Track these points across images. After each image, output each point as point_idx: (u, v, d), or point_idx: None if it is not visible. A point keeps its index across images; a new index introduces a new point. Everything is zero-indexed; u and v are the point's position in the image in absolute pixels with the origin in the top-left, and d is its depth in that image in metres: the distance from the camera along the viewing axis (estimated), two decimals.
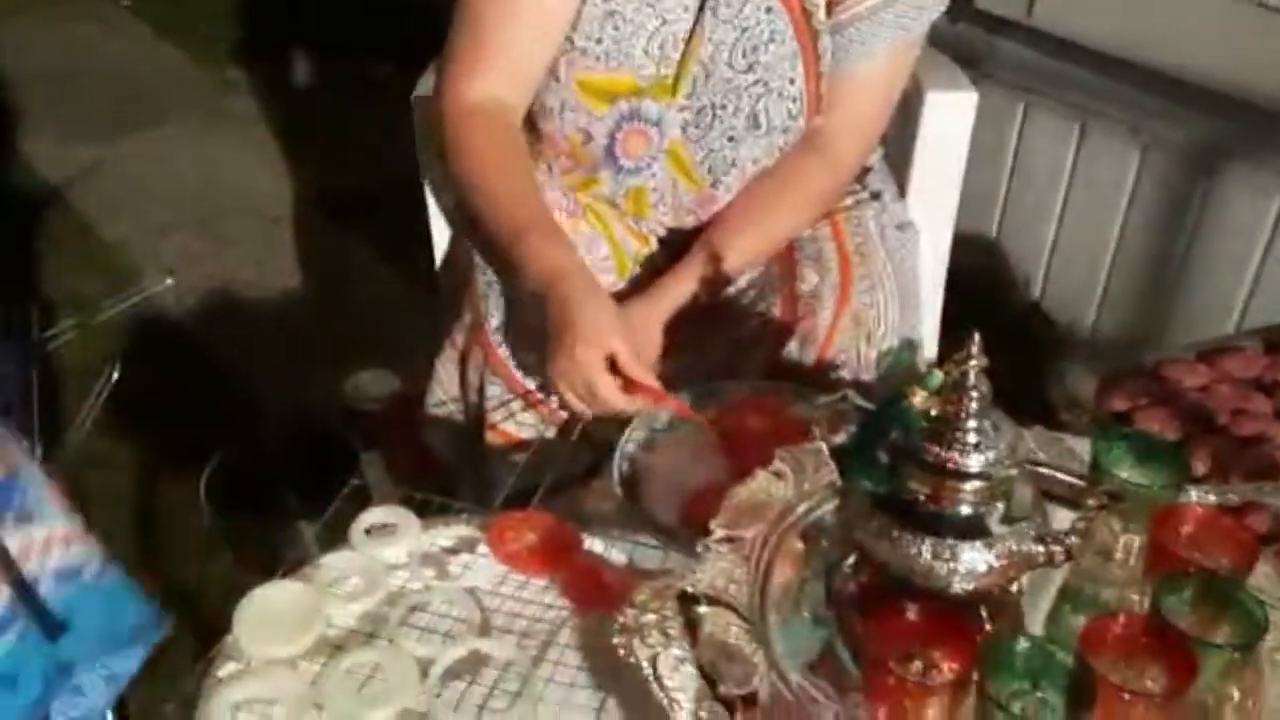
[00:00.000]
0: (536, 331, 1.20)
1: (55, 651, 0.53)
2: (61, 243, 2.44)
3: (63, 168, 2.68)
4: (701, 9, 1.26)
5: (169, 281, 1.40)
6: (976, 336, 0.80)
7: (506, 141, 1.28)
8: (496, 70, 1.27)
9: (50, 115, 2.83)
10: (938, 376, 0.84)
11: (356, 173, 2.52)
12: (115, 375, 1.43)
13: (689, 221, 1.40)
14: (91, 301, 1.89)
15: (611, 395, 1.13)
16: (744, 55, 1.27)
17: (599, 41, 1.26)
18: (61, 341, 1.58)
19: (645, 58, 1.27)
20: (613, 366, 1.14)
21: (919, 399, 0.85)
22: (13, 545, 0.55)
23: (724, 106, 1.29)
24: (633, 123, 1.31)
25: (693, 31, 1.27)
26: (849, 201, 1.42)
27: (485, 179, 1.26)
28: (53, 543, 0.55)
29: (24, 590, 0.52)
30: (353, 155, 2.58)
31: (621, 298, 1.34)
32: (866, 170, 1.46)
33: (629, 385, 1.14)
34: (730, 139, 1.32)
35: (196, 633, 1.12)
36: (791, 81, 1.29)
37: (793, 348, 1.32)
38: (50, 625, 0.54)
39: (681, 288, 1.32)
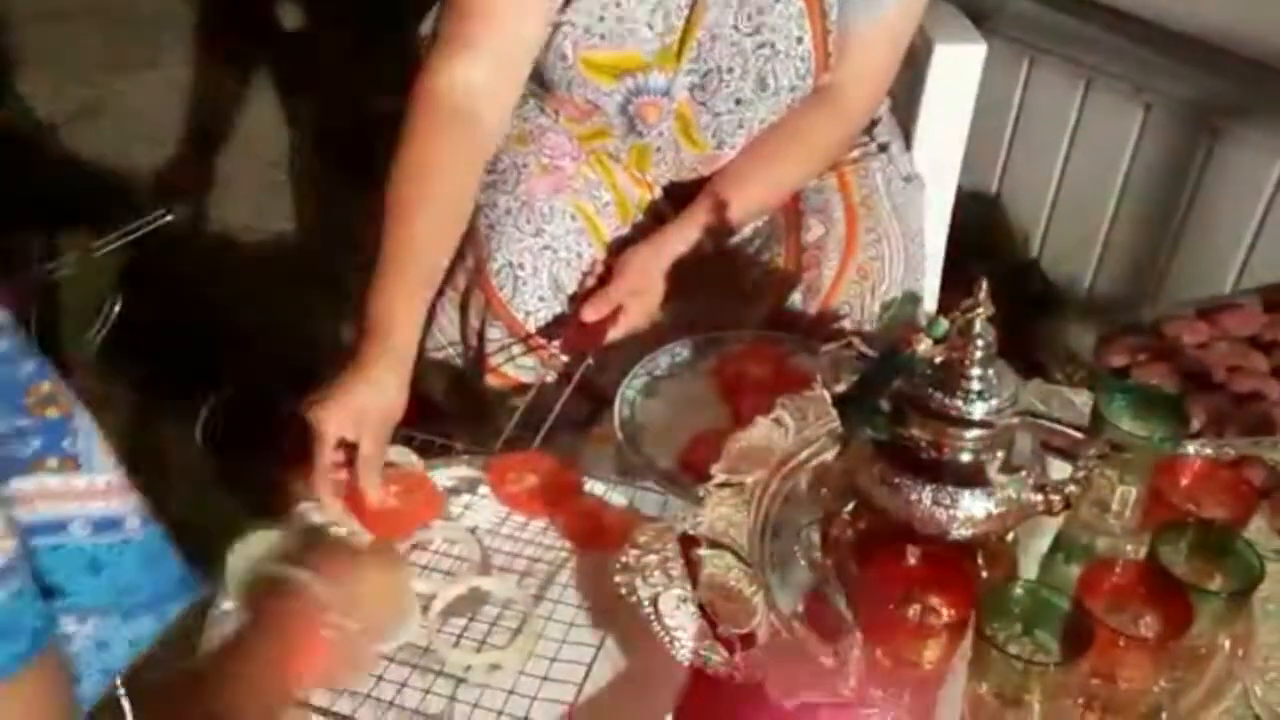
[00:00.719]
0: None
1: (48, 609, 0.53)
2: (59, 181, 2.42)
3: (60, 107, 2.66)
4: None
5: (169, 217, 1.39)
6: (984, 284, 0.80)
7: (447, 141, 1.18)
8: (477, 52, 1.19)
9: (48, 55, 2.80)
10: (943, 324, 0.84)
11: (355, 114, 2.49)
12: (116, 310, 1.42)
13: (691, 177, 1.40)
14: (91, 238, 1.88)
15: (317, 471, 1.01)
16: (749, 18, 1.26)
17: (601, 19, 1.24)
18: (61, 275, 1.57)
19: (649, 31, 1.25)
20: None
21: (923, 346, 0.86)
22: (54, 485, 0.55)
23: (730, 70, 1.28)
24: (641, 97, 1.30)
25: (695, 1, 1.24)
26: (856, 153, 1.42)
27: (401, 177, 1.17)
28: (95, 493, 0.55)
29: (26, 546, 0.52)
30: (352, 96, 2.55)
31: (625, 243, 1.34)
32: (874, 122, 1.45)
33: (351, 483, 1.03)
34: (738, 101, 1.30)
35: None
36: (799, 41, 1.28)
37: (796, 298, 1.32)
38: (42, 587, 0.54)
39: (686, 235, 1.32)
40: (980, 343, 0.81)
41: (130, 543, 0.53)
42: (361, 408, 1.03)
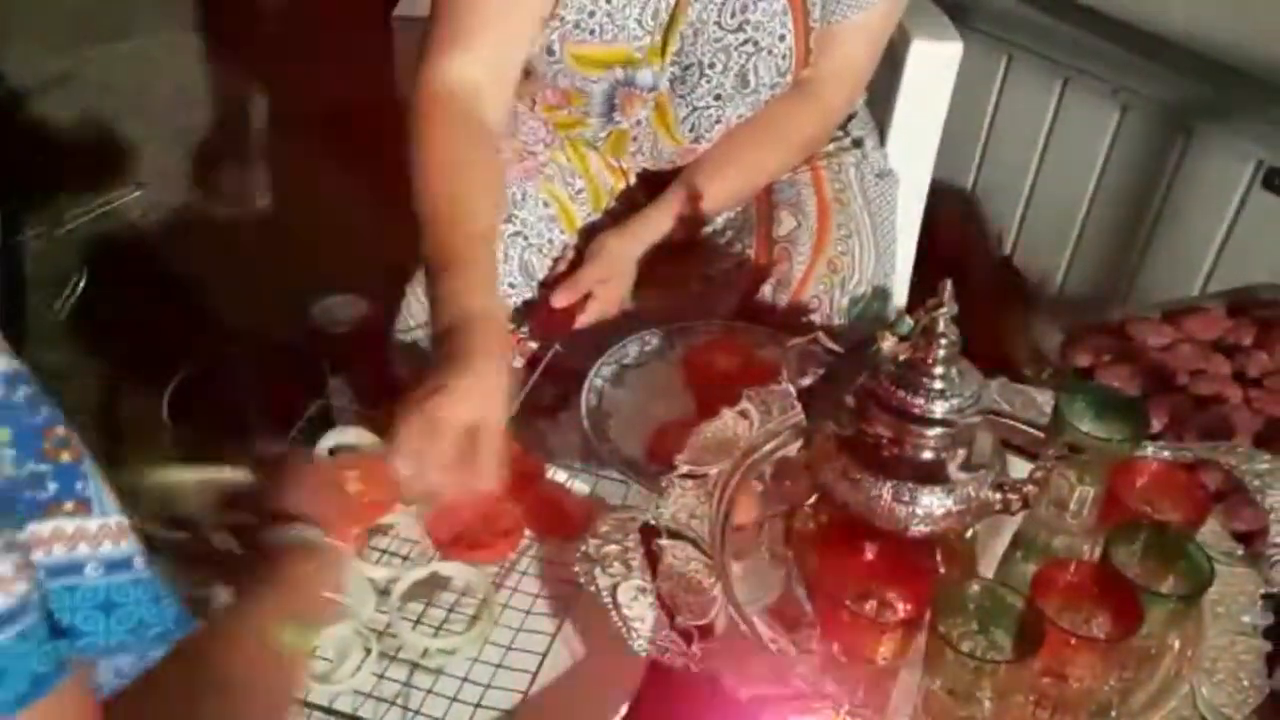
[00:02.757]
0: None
1: (55, 651, 0.54)
2: (29, 153, 2.40)
3: (32, 77, 2.62)
4: None
5: (137, 192, 1.37)
6: (949, 284, 0.81)
7: (464, 138, 1.18)
8: (474, 51, 1.20)
9: (20, 24, 2.76)
10: (908, 322, 0.84)
11: (330, 91, 2.48)
12: (82, 284, 1.41)
13: (667, 167, 1.39)
14: (59, 211, 1.86)
15: (436, 470, 0.93)
16: (733, 15, 1.25)
17: (591, 15, 1.23)
18: (29, 248, 1.55)
19: (639, 28, 1.24)
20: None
21: (888, 344, 0.86)
22: (69, 528, 0.57)
23: (712, 65, 1.28)
24: (628, 88, 1.29)
25: None
26: (831, 148, 1.42)
27: (431, 180, 1.16)
28: (106, 534, 0.57)
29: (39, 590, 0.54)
30: (326, 73, 2.53)
31: (597, 230, 1.34)
32: (850, 117, 1.46)
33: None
34: (717, 97, 1.30)
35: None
36: (781, 38, 1.27)
37: (766, 291, 1.32)
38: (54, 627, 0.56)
39: (659, 223, 1.31)
40: (944, 342, 0.81)
41: (140, 581, 0.55)
42: (494, 388, 0.98)
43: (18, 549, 0.52)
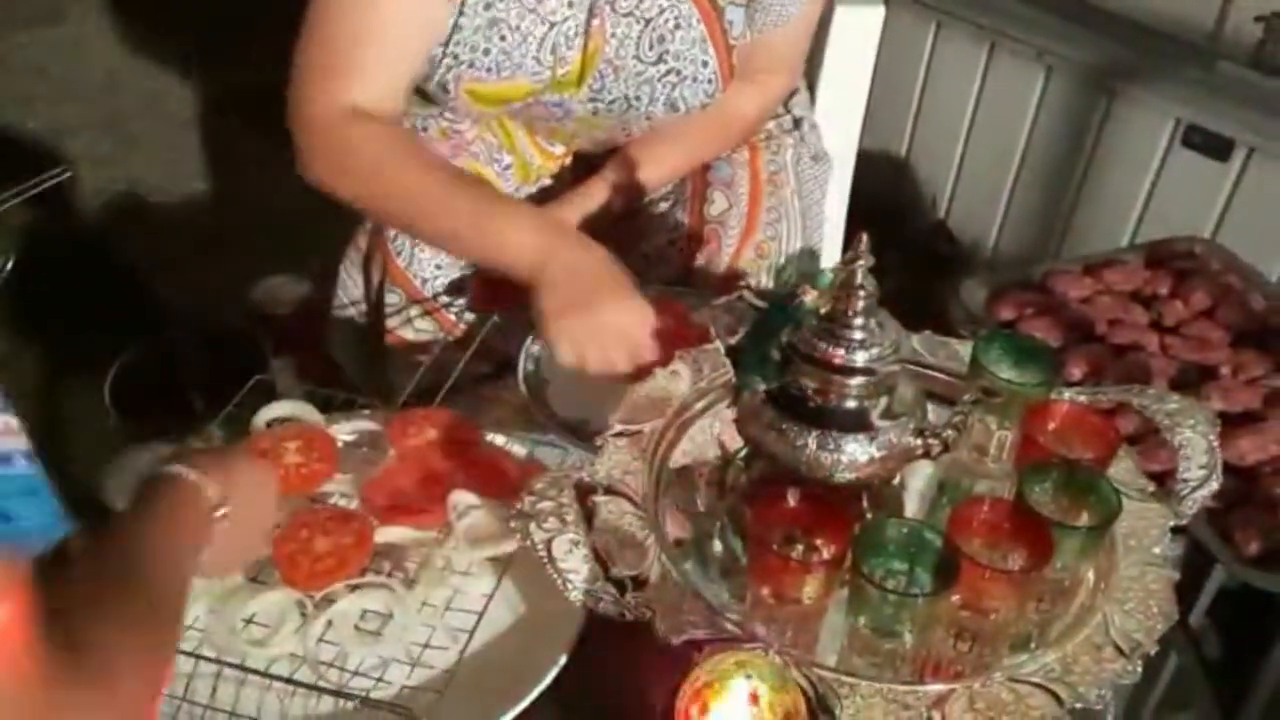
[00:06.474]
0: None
1: None
2: None
3: None
4: (593, 5, 1.19)
5: (67, 174, 1.36)
6: (865, 236, 0.83)
7: (402, 138, 1.21)
8: (360, 87, 1.17)
9: None
10: (828, 275, 0.87)
11: (266, 74, 2.46)
12: (9, 266, 1.40)
13: (600, 149, 1.39)
14: None
15: (649, 348, 1.10)
16: (651, 47, 1.22)
17: (486, 53, 1.18)
18: None
19: (537, 64, 1.20)
20: None
21: (810, 297, 0.89)
22: None
23: (639, 98, 1.25)
24: (536, 107, 1.27)
25: (589, 28, 1.20)
26: (771, 125, 1.42)
27: (402, 178, 1.17)
28: None
29: None
30: (262, 55, 2.51)
31: (532, 202, 1.35)
32: (792, 93, 1.45)
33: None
34: (648, 118, 1.29)
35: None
36: (704, 64, 1.24)
37: (697, 265, 1.33)
38: None
39: (597, 197, 1.31)
40: (862, 293, 0.84)
41: (17, 477, 0.55)
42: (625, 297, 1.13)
43: None
